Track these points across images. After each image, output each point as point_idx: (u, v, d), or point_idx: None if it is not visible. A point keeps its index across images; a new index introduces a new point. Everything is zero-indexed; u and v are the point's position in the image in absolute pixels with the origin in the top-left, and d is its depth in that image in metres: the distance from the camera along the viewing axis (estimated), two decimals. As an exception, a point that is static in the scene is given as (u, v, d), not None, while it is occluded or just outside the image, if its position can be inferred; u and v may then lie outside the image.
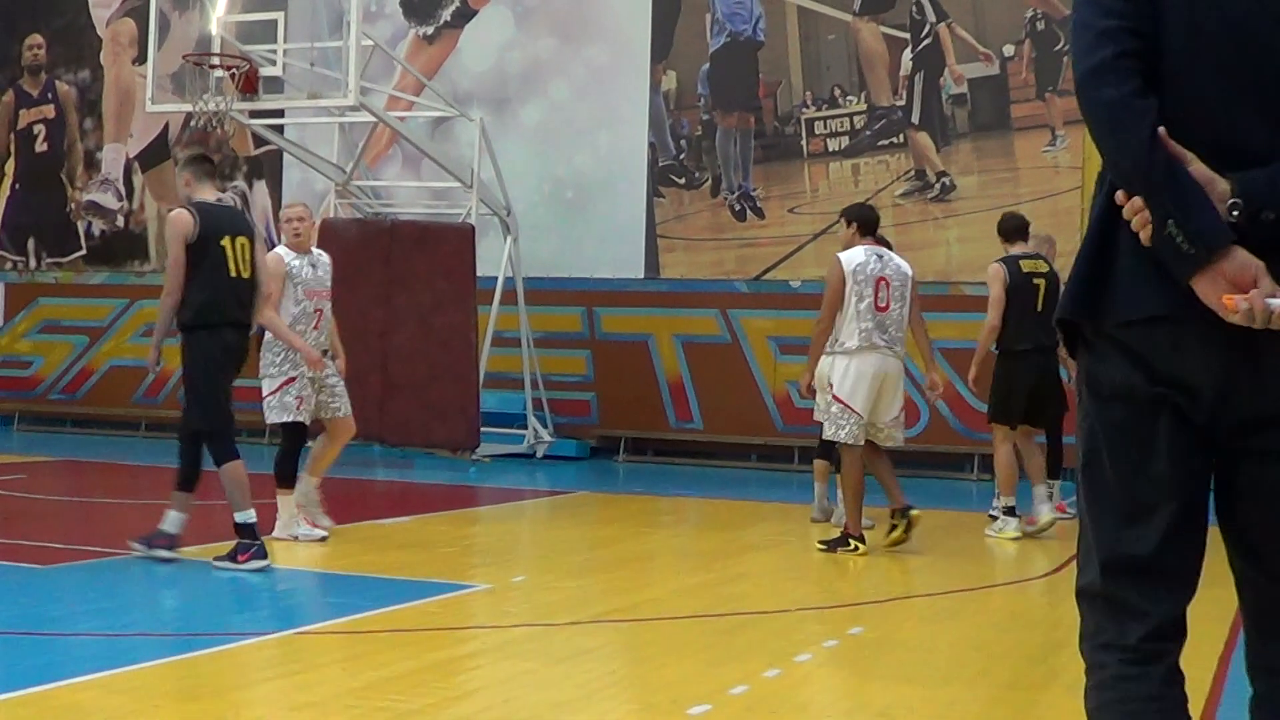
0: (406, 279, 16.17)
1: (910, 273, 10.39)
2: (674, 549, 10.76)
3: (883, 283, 10.10)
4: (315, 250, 10.31)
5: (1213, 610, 6.44)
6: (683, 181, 18.26)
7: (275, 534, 9.58)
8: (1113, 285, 2.81)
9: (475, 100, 18.75)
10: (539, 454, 17.15)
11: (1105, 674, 2.90)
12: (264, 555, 8.62)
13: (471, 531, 11.47)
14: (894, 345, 10.16)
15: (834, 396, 10.08)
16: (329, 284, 10.28)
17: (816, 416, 10.77)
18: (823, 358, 10.26)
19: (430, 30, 19.43)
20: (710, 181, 18.09)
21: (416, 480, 15.30)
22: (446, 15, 19.30)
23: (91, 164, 21.52)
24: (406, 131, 16.96)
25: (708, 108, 18.19)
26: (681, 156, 18.27)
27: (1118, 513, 2.88)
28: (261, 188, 20.35)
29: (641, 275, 18.13)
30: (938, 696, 5.99)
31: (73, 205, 21.51)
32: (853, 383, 10.02)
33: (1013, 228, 11.47)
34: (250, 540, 8.62)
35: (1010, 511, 11.01)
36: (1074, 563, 3.05)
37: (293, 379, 9.81)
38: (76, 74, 21.77)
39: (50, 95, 21.97)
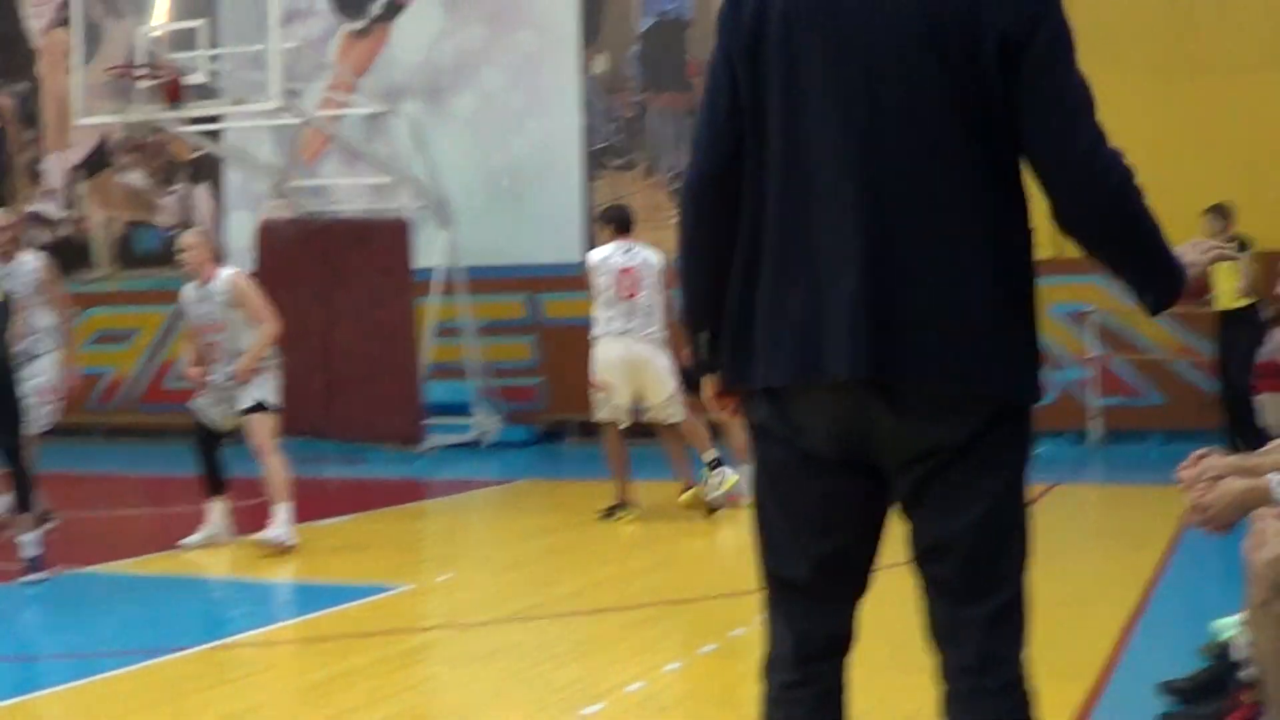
0: (345, 276, 16.26)
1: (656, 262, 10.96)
2: (606, 537, 10.85)
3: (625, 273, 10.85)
4: (218, 276, 9.92)
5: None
6: (619, 163, 18.34)
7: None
8: None
9: (409, 92, 18.81)
10: (486, 442, 17.25)
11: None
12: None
13: (408, 528, 11.58)
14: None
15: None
16: (218, 317, 9.90)
17: None
18: None
19: (361, 25, 19.46)
20: (646, 163, 18.18)
21: (364, 476, 15.39)
22: (376, 9, 19.34)
23: (34, 175, 21.54)
24: (336, 130, 17.01)
25: (639, 89, 18.27)
26: (616, 139, 18.36)
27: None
28: (203, 191, 20.39)
29: (582, 258, 18.16)
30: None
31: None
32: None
33: None
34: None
35: None
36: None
37: None
38: (14, 85, 21.76)
39: (-11, 108, 21.97)
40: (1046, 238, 3.12)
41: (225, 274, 9.85)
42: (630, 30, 18.32)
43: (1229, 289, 12.65)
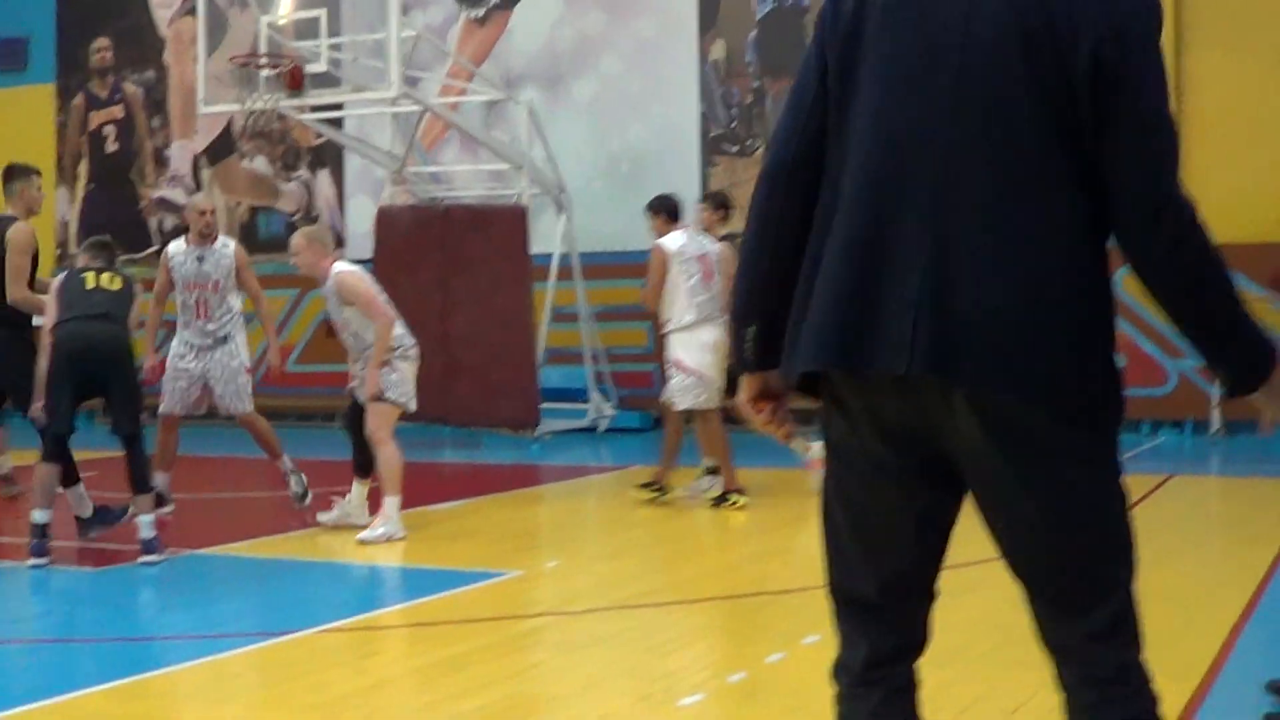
0: (463, 262, 16.35)
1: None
2: (715, 525, 10.86)
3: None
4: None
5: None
6: (736, 150, 18.32)
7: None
8: None
9: (528, 79, 18.92)
10: (601, 428, 17.31)
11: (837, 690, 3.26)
12: (40, 554, 8.77)
13: (520, 514, 11.63)
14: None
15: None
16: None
17: None
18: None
19: (481, 13, 19.60)
20: (763, 148, 18.12)
21: (480, 461, 15.50)
22: (496, -3, 19.48)
23: (160, 161, 21.92)
24: (455, 118, 17.16)
25: (757, 74, 18.23)
26: (733, 125, 18.34)
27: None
28: (325, 176, 20.65)
29: (699, 246, 18.19)
30: (936, 677, 6.05)
31: (144, 203, 21.91)
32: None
33: None
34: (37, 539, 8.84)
35: None
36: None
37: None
38: (142, 74, 22.16)
39: (118, 96, 22.38)
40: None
41: (334, 272, 9.91)
42: (748, 16, 18.28)
43: None
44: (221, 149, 21.40)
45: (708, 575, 8.63)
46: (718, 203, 11.76)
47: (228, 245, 10.85)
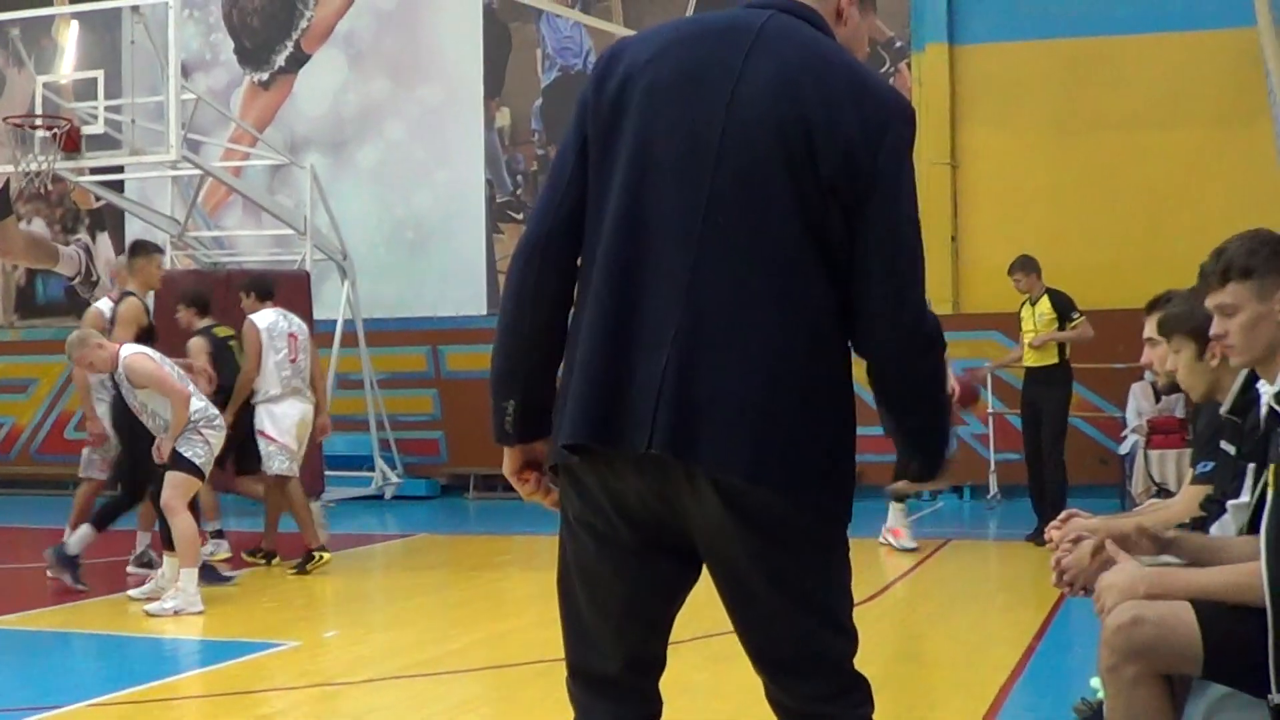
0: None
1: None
2: (499, 593, 10.87)
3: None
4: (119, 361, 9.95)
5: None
6: (521, 217, 18.40)
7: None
8: None
9: (312, 144, 18.83)
10: (387, 495, 17.21)
11: None
12: None
13: (304, 582, 11.49)
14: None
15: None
16: (129, 398, 10.11)
17: None
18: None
19: (265, 76, 19.48)
20: (548, 216, 18.22)
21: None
22: (280, 61, 19.37)
23: (-68, 223, 21.31)
24: (237, 183, 16.98)
25: (542, 142, 18.36)
26: (519, 192, 18.43)
27: None
28: (105, 239, 20.28)
29: (485, 311, 18.25)
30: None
31: (-83, 266, 21.32)
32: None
33: None
34: None
35: None
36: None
37: None
38: (-86, 132, 21.56)
39: (-113, 155, 21.75)
40: (946, 291, 3.19)
41: (122, 358, 9.72)
42: (533, 84, 18.43)
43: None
44: (-3, 211, 20.88)
45: (486, 643, 8.61)
46: (190, 301, 12.54)
47: None
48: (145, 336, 10.60)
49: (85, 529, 10.51)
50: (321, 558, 11.33)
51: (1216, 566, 3.91)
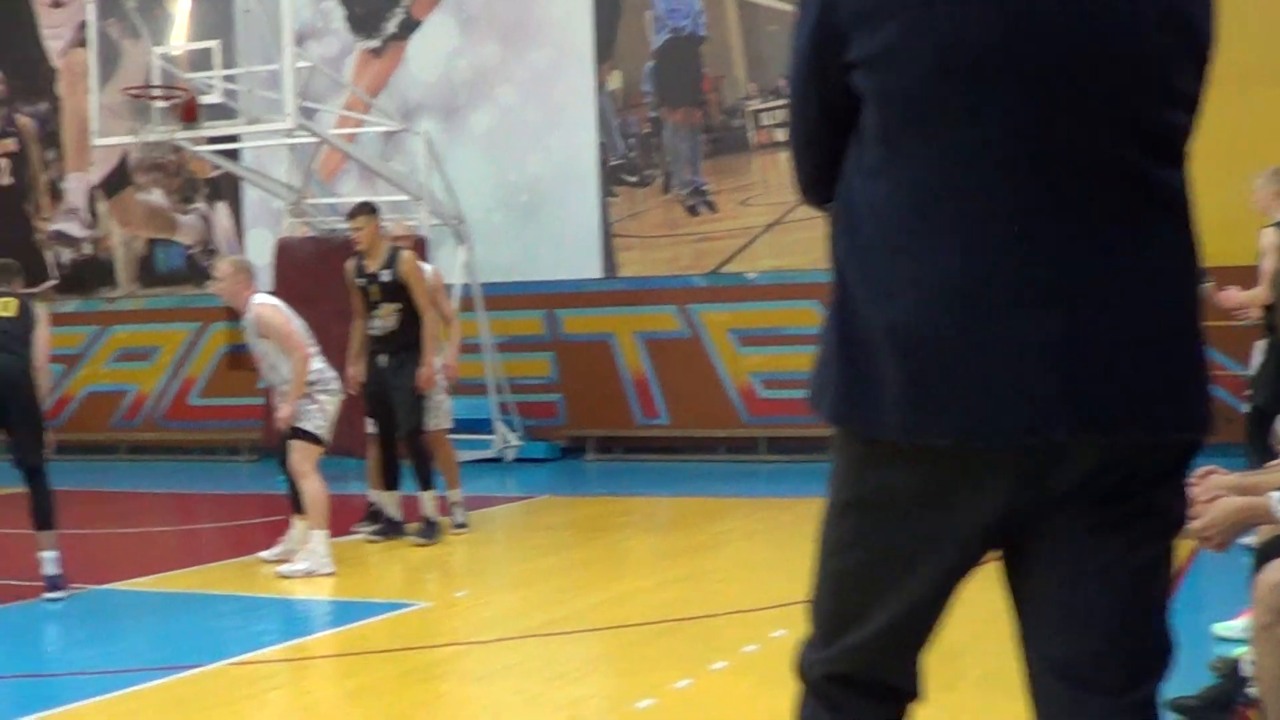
0: (363, 294, 16.24)
1: None
2: (626, 553, 10.91)
3: None
4: (250, 305, 9.97)
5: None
6: (634, 180, 18.39)
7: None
8: None
9: (425, 110, 18.90)
10: (508, 458, 17.30)
11: None
12: None
13: (430, 546, 11.60)
14: None
15: None
16: (253, 344, 10.18)
17: None
18: None
19: (377, 43, 19.56)
20: (661, 178, 18.22)
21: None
22: (392, 27, 19.43)
23: (55, 194, 21.68)
24: (353, 149, 17.12)
25: (654, 105, 18.32)
26: (631, 155, 18.42)
27: None
28: (223, 208, 20.51)
29: (599, 275, 18.28)
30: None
31: (39, 236, 21.66)
32: None
33: None
34: None
35: None
36: None
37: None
38: (35, 106, 21.91)
39: (10, 129, 22.11)
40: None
41: (253, 304, 9.86)
42: (644, 46, 18.38)
43: None
44: (118, 181, 21.19)
45: (611, 603, 8.63)
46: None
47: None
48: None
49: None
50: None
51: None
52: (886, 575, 2.74)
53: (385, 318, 10.93)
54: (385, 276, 10.91)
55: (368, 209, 11.23)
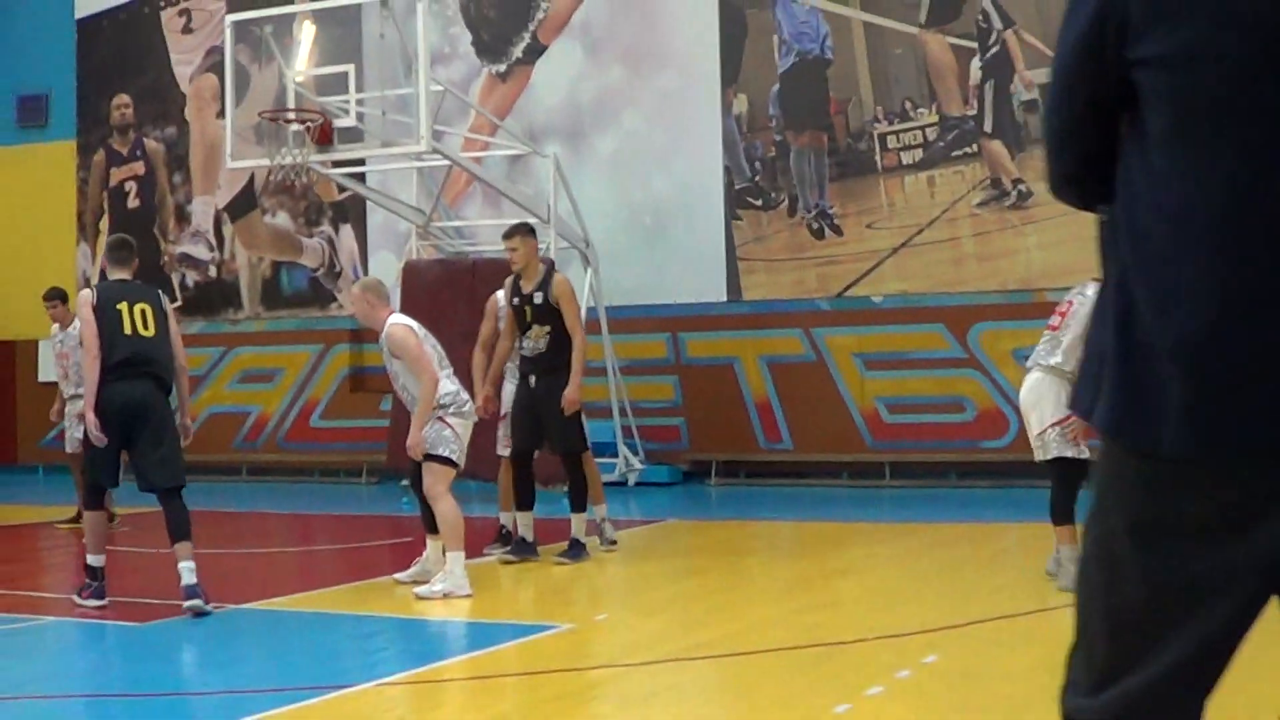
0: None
1: None
2: (759, 578, 10.84)
3: None
4: (385, 325, 10.02)
5: None
6: (760, 203, 18.36)
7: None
8: None
9: (551, 133, 18.98)
10: (631, 482, 17.27)
11: None
12: (101, 595, 9.19)
13: (553, 568, 11.54)
14: None
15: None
16: (386, 363, 10.22)
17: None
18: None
19: (503, 68, 19.69)
20: (787, 201, 18.17)
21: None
22: (518, 52, 19.56)
23: (182, 217, 21.98)
24: (480, 172, 17.19)
25: (780, 128, 18.28)
26: (757, 178, 18.38)
27: None
28: (347, 231, 20.69)
29: (724, 298, 18.25)
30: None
31: (165, 258, 21.96)
32: None
33: None
34: (93, 580, 9.25)
35: None
36: None
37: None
38: (163, 130, 22.25)
39: (139, 152, 22.47)
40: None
41: (387, 323, 9.89)
42: (770, 70, 18.35)
43: None
44: (243, 204, 21.46)
45: (756, 628, 8.55)
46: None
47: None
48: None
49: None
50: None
51: None
52: (1172, 612, 2.51)
53: (536, 339, 10.91)
54: (539, 299, 10.89)
55: (524, 229, 11.22)
